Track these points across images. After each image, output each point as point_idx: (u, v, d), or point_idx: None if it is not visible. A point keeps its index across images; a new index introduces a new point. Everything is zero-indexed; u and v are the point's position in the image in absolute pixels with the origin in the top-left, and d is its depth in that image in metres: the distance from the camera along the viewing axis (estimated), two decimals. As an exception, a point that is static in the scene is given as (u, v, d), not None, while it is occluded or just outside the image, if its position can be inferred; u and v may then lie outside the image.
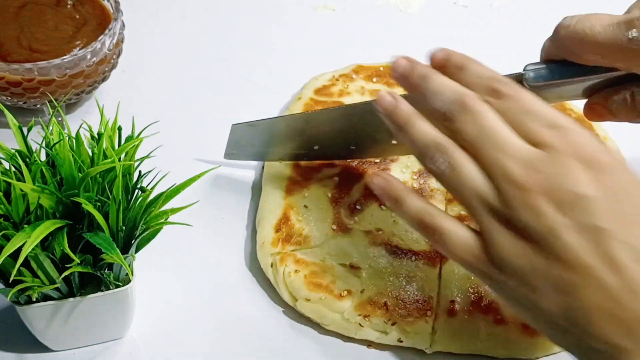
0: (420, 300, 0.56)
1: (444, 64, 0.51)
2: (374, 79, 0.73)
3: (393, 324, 0.55)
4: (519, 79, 0.54)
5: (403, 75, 0.51)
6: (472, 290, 0.57)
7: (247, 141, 0.65)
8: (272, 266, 0.59)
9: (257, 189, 0.67)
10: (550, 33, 0.86)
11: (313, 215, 0.61)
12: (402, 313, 0.55)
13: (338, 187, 0.63)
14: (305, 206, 0.62)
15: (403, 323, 0.55)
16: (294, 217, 0.61)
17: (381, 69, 0.74)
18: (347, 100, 0.71)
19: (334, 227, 0.60)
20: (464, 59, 0.50)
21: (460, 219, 0.60)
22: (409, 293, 0.56)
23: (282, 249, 0.59)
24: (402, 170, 0.64)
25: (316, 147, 0.64)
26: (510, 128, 0.45)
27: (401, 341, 0.56)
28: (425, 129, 0.48)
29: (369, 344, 0.57)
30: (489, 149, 0.44)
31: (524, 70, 0.55)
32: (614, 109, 0.54)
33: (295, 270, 0.58)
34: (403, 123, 0.48)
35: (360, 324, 0.56)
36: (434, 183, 0.64)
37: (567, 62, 0.54)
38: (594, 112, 0.56)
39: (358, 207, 0.62)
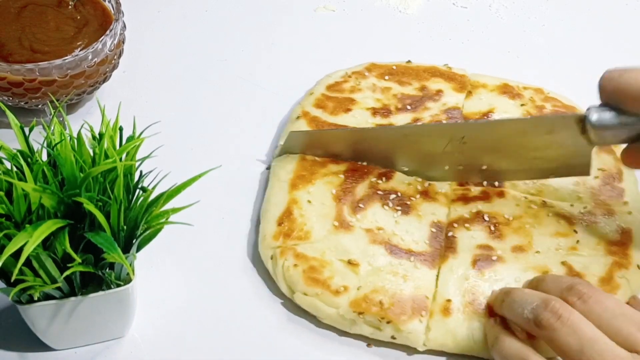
0: (416, 300, 0.56)
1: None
2: (386, 77, 0.74)
3: (388, 322, 0.55)
4: (581, 118, 0.57)
5: (491, 304, 0.56)
6: (468, 291, 0.57)
7: (302, 146, 0.66)
8: (272, 259, 0.59)
9: (259, 188, 0.68)
10: (548, 33, 0.86)
11: (316, 211, 0.61)
12: (396, 311, 0.56)
13: (343, 184, 0.63)
14: (309, 201, 0.62)
15: (397, 321, 0.55)
16: (296, 212, 0.61)
17: (394, 67, 0.75)
18: (358, 96, 0.71)
19: (336, 223, 0.61)
20: (541, 276, 0.56)
21: (464, 220, 0.61)
22: (404, 292, 0.57)
23: (283, 243, 0.60)
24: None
25: (364, 163, 0.65)
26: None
27: (394, 338, 0.56)
28: (512, 345, 0.51)
29: (369, 343, 0.57)
30: None
31: (587, 110, 0.57)
32: None
33: (295, 265, 0.58)
34: (493, 340, 0.53)
35: (354, 320, 0.56)
36: (438, 186, 0.64)
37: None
38: (630, 157, 0.58)
39: (361, 205, 0.62)
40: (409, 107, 0.70)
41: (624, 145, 0.59)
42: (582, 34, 0.86)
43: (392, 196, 0.63)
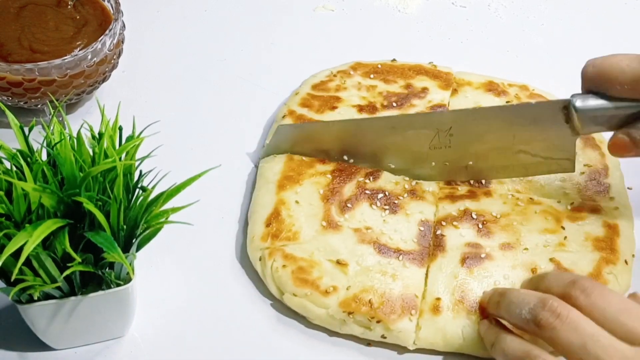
0: (405, 298, 0.56)
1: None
2: (371, 75, 0.74)
3: (378, 322, 0.55)
4: (565, 104, 0.58)
5: (484, 305, 0.56)
6: (458, 290, 0.57)
7: (291, 141, 0.66)
8: (260, 260, 0.59)
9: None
10: (547, 33, 0.87)
11: (304, 211, 0.61)
12: (386, 311, 0.56)
13: (330, 184, 0.63)
14: (297, 202, 0.62)
15: (387, 321, 0.55)
16: (284, 213, 0.61)
17: (379, 66, 0.75)
18: (344, 94, 0.71)
19: (324, 223, 0.61)
20: (541, 274, 0.56)
21: (452, 218, 0.61)
22: (394, 291, 0.57)
23: (271, 244, 0.60)
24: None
25: (348, 158, 0.65)
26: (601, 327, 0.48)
27: (385, 337, 0.56)
28: (513, 343, 0.51)
29: (369, 342, 0.57)
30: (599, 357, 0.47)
31: (571, 97, 0.58)
32: (637, 140, 0.57)
33: (283, 265, 0.58)
34: (493, 340, 0.52)
35: (344, 320, 0.56)
36: (425, 185, 0.64)
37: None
38: (616, 146, 0.58)
39: (349, 205, 0.62)
40: (394, 104, 0.70)
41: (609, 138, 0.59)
42: (581, 33, 0.86)
43: (380, 195, 0.63)
